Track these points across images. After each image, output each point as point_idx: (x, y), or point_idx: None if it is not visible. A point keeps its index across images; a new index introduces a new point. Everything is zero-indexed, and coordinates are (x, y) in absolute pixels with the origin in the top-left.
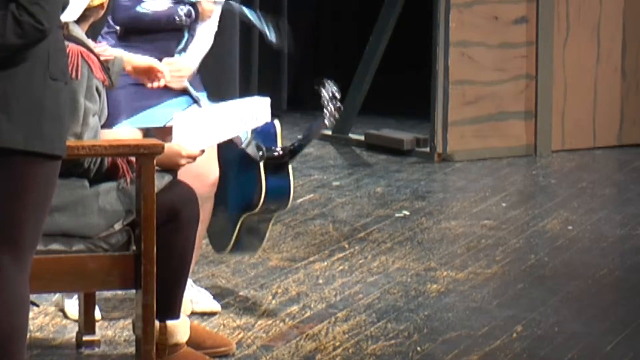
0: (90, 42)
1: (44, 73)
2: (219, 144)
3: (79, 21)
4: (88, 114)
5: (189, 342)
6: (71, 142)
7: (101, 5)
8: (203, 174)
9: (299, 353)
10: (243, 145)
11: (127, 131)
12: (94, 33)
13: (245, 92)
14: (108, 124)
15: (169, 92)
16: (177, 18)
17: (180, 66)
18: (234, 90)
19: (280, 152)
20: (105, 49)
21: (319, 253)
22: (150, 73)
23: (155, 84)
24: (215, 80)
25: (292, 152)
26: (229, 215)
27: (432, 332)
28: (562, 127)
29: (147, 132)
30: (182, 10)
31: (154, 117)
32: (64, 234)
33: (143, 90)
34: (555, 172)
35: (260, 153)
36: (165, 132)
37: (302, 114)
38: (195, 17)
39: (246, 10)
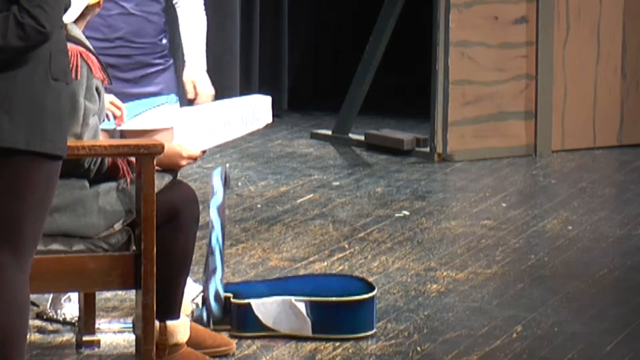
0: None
1: (46, 73)
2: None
3: (75, 20)
4: (88, 114)
5: (189, 342)
6: (71, 142)
7: (98, 3)
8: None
9: (299, 353)
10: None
11: None
12: None
13: (245, 91)
14: None
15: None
16: None
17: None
18: (234, 90)
19: None
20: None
21: (319, 253)
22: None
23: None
24: (216, 79)
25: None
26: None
27: (432, 332)
28: (562, 127)
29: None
30: None
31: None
32: (64, 234)
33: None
34: (555, 172)
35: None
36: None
37: (302, 114)
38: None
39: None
